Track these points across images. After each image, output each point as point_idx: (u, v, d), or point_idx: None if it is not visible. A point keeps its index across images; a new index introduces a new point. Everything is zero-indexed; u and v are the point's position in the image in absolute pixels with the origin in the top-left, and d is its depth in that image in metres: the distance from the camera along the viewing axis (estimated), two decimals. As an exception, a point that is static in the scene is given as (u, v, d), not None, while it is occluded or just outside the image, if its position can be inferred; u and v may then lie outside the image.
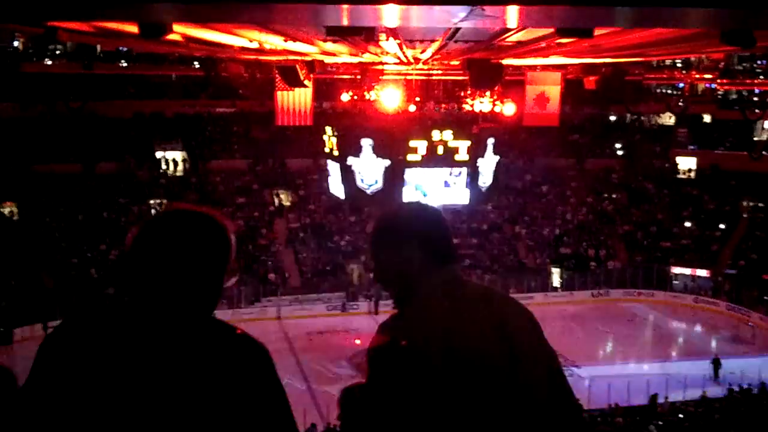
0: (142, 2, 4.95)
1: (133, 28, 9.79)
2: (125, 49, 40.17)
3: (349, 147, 18.93)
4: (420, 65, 20.04)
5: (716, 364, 29.69)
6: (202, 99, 50.63)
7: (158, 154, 49.20)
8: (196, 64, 36.00)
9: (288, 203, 48.66)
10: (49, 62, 42.07)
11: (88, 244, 41.40)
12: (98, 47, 36.77)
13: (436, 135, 18.56)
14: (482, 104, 25.80)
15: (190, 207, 2.21)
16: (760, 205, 47.85)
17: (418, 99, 21.11)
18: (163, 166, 49.05)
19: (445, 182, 19.14)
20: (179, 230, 2.14)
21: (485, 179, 19.77)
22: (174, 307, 2.09)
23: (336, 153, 19.51)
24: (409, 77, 21.18)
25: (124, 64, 45.47)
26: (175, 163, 49.21)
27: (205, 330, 2.11)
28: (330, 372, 32.26)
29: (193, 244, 2.12)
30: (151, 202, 46.10)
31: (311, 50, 16.88)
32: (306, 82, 21.46)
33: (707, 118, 55.92)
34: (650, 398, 27.44)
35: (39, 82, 42.34)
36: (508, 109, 23.36)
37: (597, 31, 10.15)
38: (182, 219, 2.18)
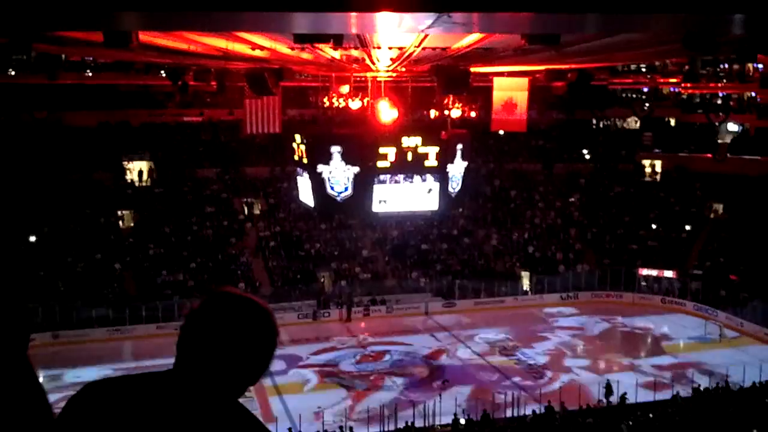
0: (107, 11, 4.92)
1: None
2: (90, 58, 39.77)
3: (318, 154, 18.86)
4: (389, 71, 20.11)
5: (608, 389, 29.26)
6: (170, 108, 50.30)
7: (125, 164, 48.69)
8: (163, 73, 35.71)
9: (258, 212, 48.44)
10: (13, 72, 41.51)
11: (54, 257, 40.84)
12: (63, 56, 36.33)
13: (405, 141, 18.58)
14: (450, 110, 26.00)
15: (241, 294, 2.25)
16: (721, 205, 48.56)
17: (387, 106, 21.14)
18: (130, 176, 48.56)
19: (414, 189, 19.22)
20: (233, 318, 2.19)
21: (454, 185, 19.83)
22: (204, 387, 2.15)
23: (305, 160, 19.43)
24: (377, 83, 21.23)
25: (90, 74, 45.00)
26: (142, 173, 48.75)
27: (226, 416, 2.16)
28: (301, 379, 32.22)
29: (243, 334, 2.18)
30: (119, 212, 45.65)
31: (280, 51, 16.88)
32: (274, 90, 21.43)
33: (672, 122, 56.76)
34: (621, 397, 27.70)
35: (2, 93, 41.81)
36: (472, 114, 23.64)
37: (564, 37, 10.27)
38: (238, 307, 2.21)
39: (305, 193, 20.03)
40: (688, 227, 48.12)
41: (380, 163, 18.56)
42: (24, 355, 2.22)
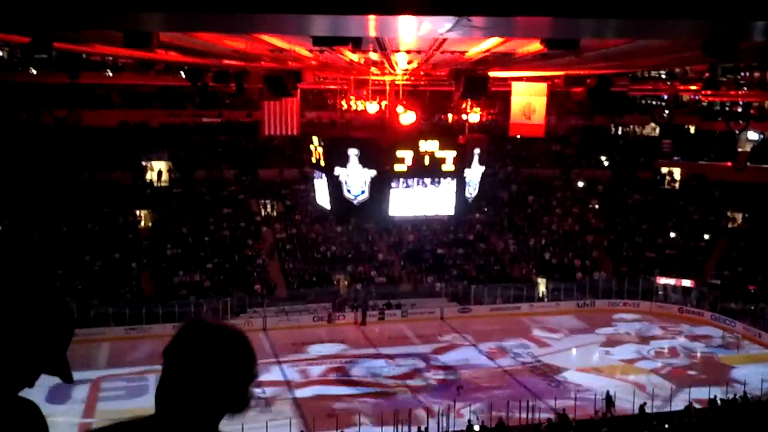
0: (128, 12, 4.94)
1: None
2: (111, 58, 40.00)
3: (335, 157, 18.86)
4: (407, 74, 20.13)
5: (608, 401, 28.97)
6: (189, 109, 50.51)
7: (144, 164, 48.97)
8: (183, 74, 35.87)
9: (274, 213, 48.57)
10: (35, 72, 41.78)
11: (72, 255, 41.11)
12: (84, 56, 36.57)
13: (422, 145, 18.55)
14: (468, 114, 26.00)
15: (216, 321, 2.24)
16: (740, 214, 48.13)
17: (404, 110, 21.14)
18: (149, 176, 48.83)
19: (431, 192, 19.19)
20: (208, 346, 2.17)
21: (471, 190, 19.78)
22: (185, 423, 2.15)
23: (322, 163, 19.45)
24: (395, 87, 21.26)
25: (110, 74, 45.22)
26: (161, 173, 49.02)
27: None
28: (316, 381, 32.25)
29: (220, 360, 2.15)
30: (137, 212, 45.91)
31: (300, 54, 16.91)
32: (292, 92, 21.50)
33: (691, 129, 56.33)
34: (640, 408, 27.51)
35: (24, 92, 42.17)
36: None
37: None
38: (211, 335, 2.20)
39: (322, 196, 20.05)
40: (706, 236, 47.76)
41: (397, 167, 18.52)
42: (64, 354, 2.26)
